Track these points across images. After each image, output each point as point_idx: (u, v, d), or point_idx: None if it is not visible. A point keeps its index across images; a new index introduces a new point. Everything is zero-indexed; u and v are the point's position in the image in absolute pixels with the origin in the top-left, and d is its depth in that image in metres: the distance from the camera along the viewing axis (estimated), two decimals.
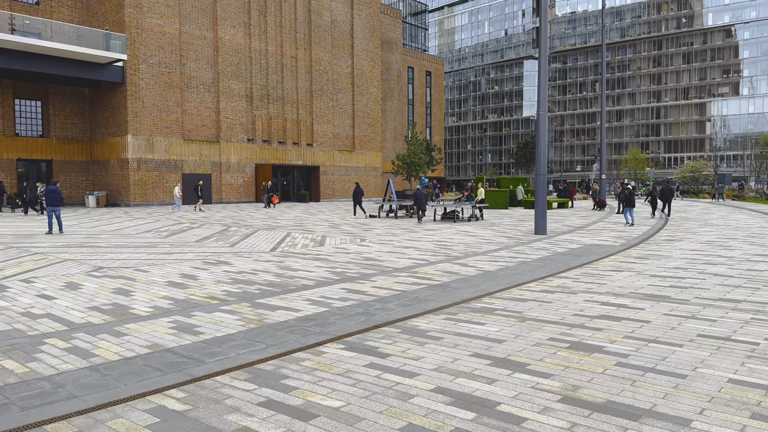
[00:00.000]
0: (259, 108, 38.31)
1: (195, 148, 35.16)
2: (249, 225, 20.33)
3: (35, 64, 28.98)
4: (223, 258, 11.92)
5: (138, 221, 22.06)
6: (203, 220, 22.84)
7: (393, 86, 63.16)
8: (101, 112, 34.16)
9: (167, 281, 9.11)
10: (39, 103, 33.45)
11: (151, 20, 32.35)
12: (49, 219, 16.78)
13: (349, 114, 44.59)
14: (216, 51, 35.74)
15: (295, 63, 40.47)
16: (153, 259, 11.64)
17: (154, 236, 16.52)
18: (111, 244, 14.26)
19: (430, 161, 43.69)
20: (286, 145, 40.25)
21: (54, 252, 12.61)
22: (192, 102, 34.80)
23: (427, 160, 42.03)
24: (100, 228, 19.12)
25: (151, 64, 32.50)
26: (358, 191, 25.14)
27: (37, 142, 33.09)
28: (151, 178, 33.12)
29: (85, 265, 10.79)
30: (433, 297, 7.75)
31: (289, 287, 8.61)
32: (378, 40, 46.80)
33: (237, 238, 16.06)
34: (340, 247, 13.83)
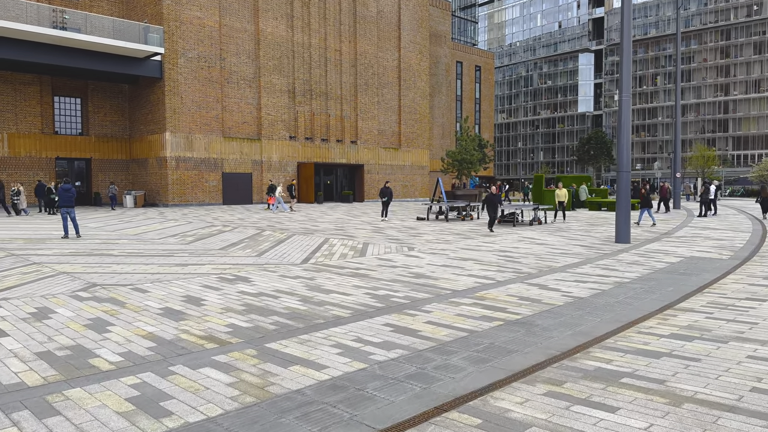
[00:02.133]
0: (301, 104, 36.61)
1: (235, 146, 33.74)
2: (285, 229, 18.39)
3: (74, 59, 28.07)
4: (244, 272, 9.89)
5: (168, 223, 20.49)
6: (238, 222, 21.09)
7: (441, 81, 60.59)
8: (140, 109, 33.18)
9: (163, 308, 7.09)
10: (78, 101, 32.72)
11: (190, 12, 31.05)
12: (64, 222, 15.24)
13: (395, 110, 42.39)
14: (257, 44, 34.21)
15: (339, 56, 38.58)
16: (161, 274, 9.72)
17: (176, 242, 14.74)
18: (124, 252, 12.50)
19: (483, 158, 40.95)
20: (329, 142, 38.42)
21: (55, 262, 10.89)
22: (232, 98, 33.38)
23: (480, 157, 39.34)
24: (124, 231, 17.57)
25: (189, 59, 31.22)
26: (386, 191, 22.78)
27: (76, 141, 32.36)
28: (189, 177, 31.87)
29: (77, 281, 8.95)
30: (517, 345, 5.40)
31: (315, 320, 6.44)
32: (426, 32, 44.42)
33: (268, 245, 14.08)
34: (384, 258, 11.61)
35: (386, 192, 22.71)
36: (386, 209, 22.92)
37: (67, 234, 15.35)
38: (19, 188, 24.03)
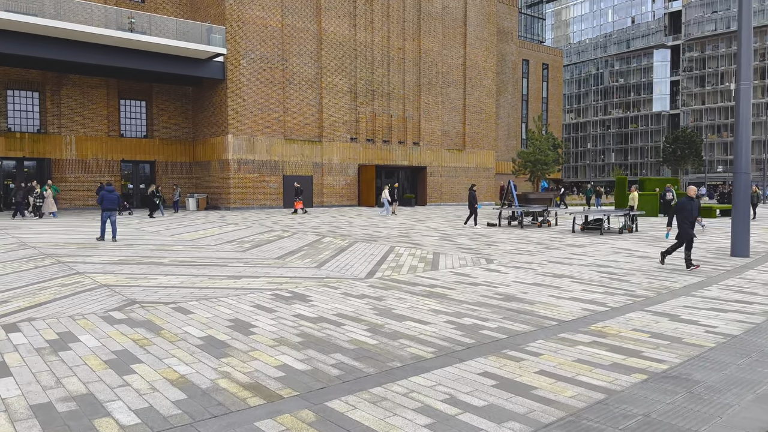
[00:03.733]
0: (363, 105, 35.49)
1: (297, 148, 33.00)
2: (346, 235, 17.11)
3: (139, 61, 28.07)
4: (302, 288, 8.57)
5: (227, 228, 19.68)
6: (297, 227, 20.03)
7: (507, 80, 58.17)
8: (203, 112, 33.02)
9: (204, 337, 5.83)
10: (143, 104, 32.92)
11: (252, 12, 30.54)
12: (102, 225, 14.94)
13: (459, 109, 40.58)
14: (319, 44, 33.36)
15: (403, 55, 37.21)
16: (210, 288, 8.54)
17: (233, 248, 13.71)
18: (175, 260, 11.52)
19: (557, 159, 38.40)
20: (391, 144, 37.10)
21: (99, 272, 9.98)
22: (294, 99, 32.66)
23: (555, 157, 36.83)
24: (181, 236, 16.80)
25: (252, 60, 30.70)
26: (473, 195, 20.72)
27: (140, 143, 32.54)
28: (251, 179, 31.35)
29: (116, 296, 7.89)
30: (686, 420, 3.73)
31: (389, 361, 4.97)
32: (494, 28, 42.37)
33: (328, 253, 12.79)
34: (460, 273, 10.03)
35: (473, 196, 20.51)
36: (475, 215, 20.62)
37: (103, 237, 15.02)
38: (44, 192, 23.99)
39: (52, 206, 24.01)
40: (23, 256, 11.89)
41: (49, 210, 23.97)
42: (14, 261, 11.14)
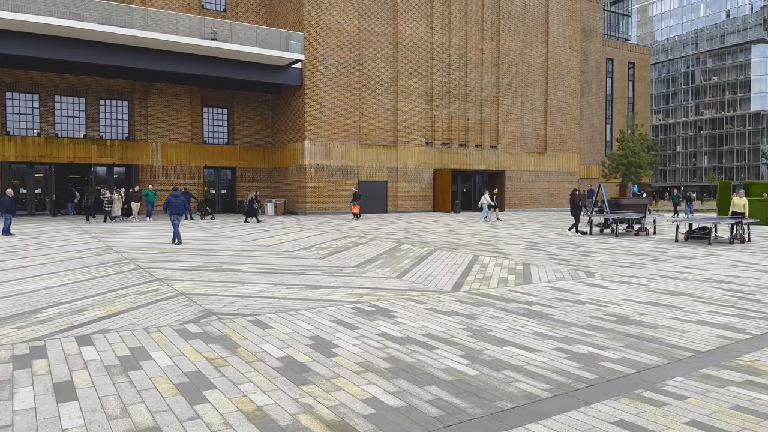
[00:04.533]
0: (439, 108, 34.67)
1: (372, 153, 32.67)
2: (425, 242, 16.35)
3: (221, 69, 28.73)
4: (384, 301, 7.89)
5: (304, 233, 19.47)
6: (374, 233, 19.50)
7: (591, 79, 55.42)
8: (281, 118, 33.41)
9: (283, 358, 5.25)
10: (225, 111, 33.75)
11: (330, 17, 30.55)
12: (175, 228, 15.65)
13: (540, 110, 38.85)
14: (396, 47, 32.92)
15: (481, 55, 36.08)
16: (289, 299, 8.04)
17: (310, 255, 13.30)
18: (254, 267, 11.20)
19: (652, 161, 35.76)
20: (468, 147, 36.01)
21: (178, 278, 9.77)
22: (369, 104, 32.37)
23: (650, 159, 34.28)
24: (260, 242, 16.67)
25: (329, 65, 30.70)
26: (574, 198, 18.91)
27: (222, 150, 33.35)
28: (327, 185, 31.31)
29: (193, 306, 7.53)
30: None
31: (497, 400, 4.16)
32: (578, 25, 40.34)
33: (408, 262, 12.07)
34: (559, 288, 9.00)
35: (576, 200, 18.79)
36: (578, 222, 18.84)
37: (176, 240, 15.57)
38: (111, 196, 24.92)
39: (118, 210, 25.09)
40: (107, 261, 12.00)
41: (116, 214, 25.01)
42: (98, 266, 11.22)
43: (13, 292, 8.35)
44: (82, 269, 10.73)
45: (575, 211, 18.73)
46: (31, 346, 5.57)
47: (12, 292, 8.40)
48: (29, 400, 4.16)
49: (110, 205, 24.84)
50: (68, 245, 15.01)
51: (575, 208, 18.72)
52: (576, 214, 18.69)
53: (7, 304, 7.50)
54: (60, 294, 8.26)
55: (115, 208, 24.95)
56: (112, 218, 24.95)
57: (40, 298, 7.97)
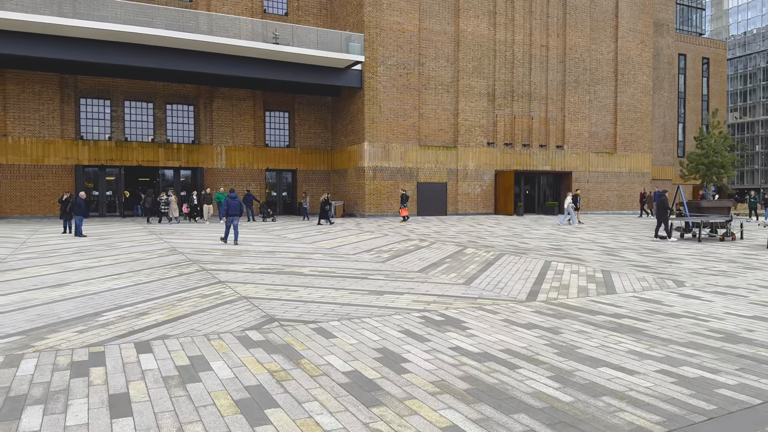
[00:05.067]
0: (501, 107, 33.65)
1: (431, 154, 32.06)
2: (489, 246, 15.62)
3: (282, 72, 28.95)
4: (454, 310, 7.32)
5: (364, 236, 19.13)
6: (435, 236, 18.91)
7: (663, 76, 52.60)
8: (341, 120, 33.36)
9: (349, 373, 4.79)
10: (286, 115, 34.04)
11: (390, 18, 30.22)
12: (227, 229, 16.05)
13: (609, 108, 37.05)
14: (457, 46, 32.20)
15: (546, 52, 34.78)
16: (352, 305, 7.61)
17: (371, 259, 12.88)
18: (315, 271, 10.88)
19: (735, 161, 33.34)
20: (531, 148, 34.77)
21: (240, 281, 9.56)
22: (429, 104, 31.79)
23: (733, 159, 31.94)
24: (320, 244, 16.43)
25: (389, 66, 30.36)
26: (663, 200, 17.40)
27: (283, 153, 33.64)
28: (385, 187, 30.95)
29: (255, 311, 7.23)
30: None
31: None
32: (649, 18, 38.26)
33: (475, 267, 11.43)
34: (647, 299, 8.15)
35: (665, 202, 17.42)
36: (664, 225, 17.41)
37: (227, 240, 16.15)
38: (168, 198, 25.60)
39: (175, 212, 25.76)
40: (171, 262, 12.00)
41: (173, 215, 25.72)
42: (162, 267, 11.21)
43: (78, 294, 8.34)
44: (147, 270, 10.73)
45: (662, 214, 17.38)
46: (90, 352, 5.37)
47: (77, 293, 8.39)
48: (83, 414, 3.88)
49: (167, 207, 25.59)
50: (135, 246, 15.26)
51: (662, 209, 17.35)
52: (664, 217, 17.34)
53: (71, 306, 7.44)
54: (123, 296, 8.18)
55: (171, 209, 25.66)
56: (169, 219, 25.78)
57: (103, 300, 7.90)
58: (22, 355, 5.25)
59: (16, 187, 27.69)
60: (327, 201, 25.55)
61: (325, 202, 25.45)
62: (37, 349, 5.45)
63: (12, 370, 4.81)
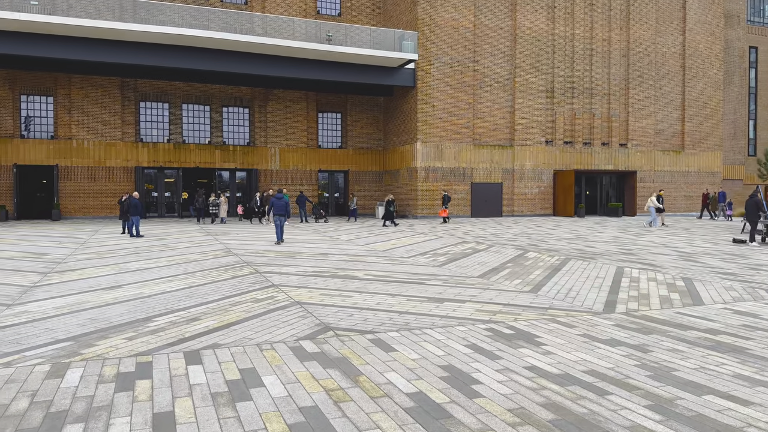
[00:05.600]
0: (560, 104, 32.36)
1: (486, 153, 31.17)
2: (553, 249, 14.77)
3: (335, 73, 28.80)
4: (523, 321, 6.68)
5: (417, 238, 18.59)
6: (492, 239, 18.15)
7: (733, 70, 49.58)
8: (393, 120, 32.93)
9: (414, 393, 4.27)
10: (339, 115, 33.92)
11: (444, 14, 29.56)
12: (277, 229, 16.41)
13: (677, 104, 35.04)
14: (513, 42, 31.19)
15: (608, 46, 33.24)
16: (411, 314, 7.10)
17: (427, 262, 12.33)
18: (370, 275, 10.43)
19: None
20: (593, 146, 33.28)
21: (294, 284, 9.21)
22: (484, 102, 30.91)
23: None
24: (374, 246, 16.01)
25: (442, 64, 29.70)
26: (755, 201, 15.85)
27: (335, 154, 33.53)
28: (438, 188, 30.29)
29: (309, 318, 6.82)
30: None
31: None
32: (720, 9, 35.98)
33: (540, 273, 10.69)
34: (741, 311, 7.25)
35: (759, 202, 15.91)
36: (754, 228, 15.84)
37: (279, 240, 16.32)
38: (218, 200, 26.10)
39: (223, 213, 26.19)
40: (225, 264, 11.84)
41: (221, 215, 26.17)
42: (216, 269, 11.04)
43: (131, 296, 8.19)
44: (201, 273, 10.57)
45: (751, 216, 15.93)
46: (137, 362, 5.07)
47: (130, 296, 8.24)
48: None
49: (216, 208, 26.18)
50: (191, 247, 15.27)
51: (753, 211, 15.86)
52: (754, 220, 15.89)
53: (123, 310, 7.26)
54: (176, 300, 7.96)
55: (221, 210, 26.18)
56: (222, 220, 26.26)
57: (155, 303, 7.69)
58: (68, 363, 5.01)
59: (79, 188, 28.68)
60: (391, 202, 25.22)
61: (389, 203, 25.08)
62: (84, 357, 5.21)
63: (56, 381, 4.55)
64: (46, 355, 5.28)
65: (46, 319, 6.71)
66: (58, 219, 27.53)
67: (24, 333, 6.07)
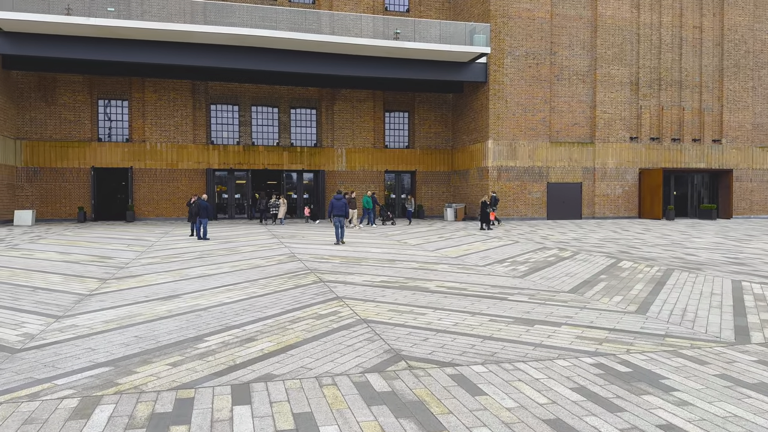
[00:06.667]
0: (646, 97, 29.96)
1: (564, 151, 29.29)
2: (649, 258, 13.14)
3: (402, 70, 27.90)
4: (638, 355, 5.43)
5: (491, 243, 17.33)
6: (575, 244, 16.61)
7: None
8: (463, 118, 31.64)
9: None
10: (406, 115, 33.00)
11: (519, 5, 27.99)
12: (336, 229, 16.77)
13: None
14: (594, 32, 29.14)
15: (699, 34, 30.48)
16: (496, 340, 6.00)
17: (506, 272, 11.13)
18: (443, 287, 9.38)
19: None
20: (683, 142, 30.61)
21: (360, 297, 8.31)
22: (562, 97, 29.05)
23: None
24: (444, 252, 14.93)
25: (516, 57, 28.14)
26: None
27: (402, 154, 32.64)
28: (511, 188, 28.74)
29: (377, 342, 5.88)
30: None
31: None
32: None
33: (641, 288, 9.27)
34: None
35: None
36: None
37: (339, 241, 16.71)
38: (277, 201, 26.95)
39: (282, 214, 26.80)
40: (288, 270, 11.14)
41: (280, 216, 26.79)
42: (279, 277, 10.34)
43: (186, 309, 7.55)
44: (263, 281, 9.90)
45: None
46: (177, 398, 4.29)
47: (185, 308, 7.60)
48: None
49: (276, 209, 26.99)
50: (255, 251, 14.78)
51: None
52: None
53: (174, 326, 6.59)
54: (232, 314, 7.24)
55: (280, 211, 26.83)
56: (280, 221, 26.90)
57: (210, 318, 6.99)
58: (100, 398, 4.30)
59: (153, 190, 29.30)
60: (487, 203, 23.39)
61: (485, 203, 23.25)
62: (119, 389, 4.49)
63: (80, 423, 3.83)
64: (79, 384, 4.61)
65: (91, 336, 6.13)
66: (132, 220, 28.21)
67: (63, 353, 5.48)
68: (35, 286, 9.31)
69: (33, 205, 27.92)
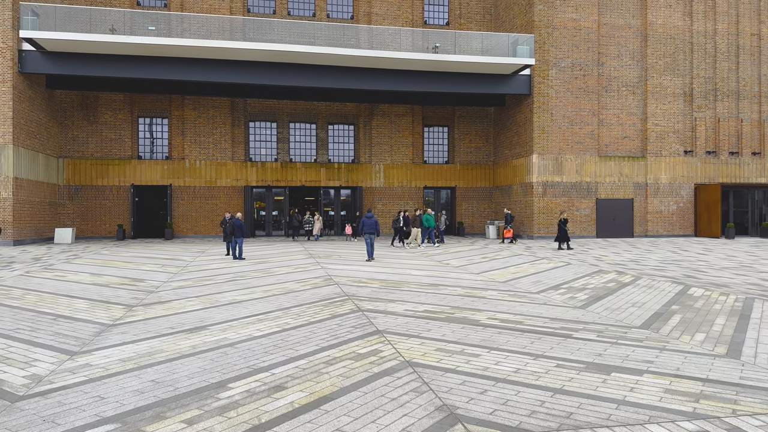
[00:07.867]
0: (701, 109, 28.31)
1: (613, 166, 27.85)
2: (721, 284, 11.84)
3: (442, 84, 27.13)
4: (748, 417, 4.41)
5: (540, 265, 16.21)
6: (633, 267, 15.34)
7: None
8: (505, 132, 30.58)
9: None
10: (445, 129, 32.16)
11: (564, 15, 26.92)
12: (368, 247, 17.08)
13: None
14: (644, 41, 27.78)
15: (758, 42, 28.72)
16: (568, 393, 5.04)
17: (563, 301, 10.08)
18: (495, 318, 8.43)
19: None
20: (741, 156, 28.75)
21: (401, 332, 7.44)
22: (611, 109, 27.71)
23: None
24: (490, 274, 13.92)
25: (562, 68, 27.01)
26: None
27: (442, 169, 31.74)
28: (557, 205, 27.43)
29: (426, 395, 5.00)
30: None
31: None
32: None
33: (723, 322, 8.10)
34: None
35: None
36: None
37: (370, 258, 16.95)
38: (311, 218, 27.36)
39: (317, 231, 27.19)
40: (324, 296, 10.38)
41: (315, 233, 27.16)
42: (314, 304, 9.58)
43: (212, 345, 6.84)
44: (296, 309, 9.15)
45: None
46: None
47: (211, 344, 6.89)
48: None
49: (310, 225, 27.23)
50: (290, 273, 14.11)
51: None
52: None
53: (196, 368, 5.86)
54: (262, 351, 6.49)
55: (315, 227, 27.10)
56: (315, 238, 27.13)
57: (237, 357, 6.25)
58: None
59: (192, 207, 29.21)
60: (566, 221, 21.46)
61: (565, 221, 21.37)
62: None
63: None
64: None
65: (103, 380, 5.46)
66: (171, 238, 28.13)
67: (68, 403, 4.80)
68: (58, 314, 8.80)
69: (73, 223, 28.16)
